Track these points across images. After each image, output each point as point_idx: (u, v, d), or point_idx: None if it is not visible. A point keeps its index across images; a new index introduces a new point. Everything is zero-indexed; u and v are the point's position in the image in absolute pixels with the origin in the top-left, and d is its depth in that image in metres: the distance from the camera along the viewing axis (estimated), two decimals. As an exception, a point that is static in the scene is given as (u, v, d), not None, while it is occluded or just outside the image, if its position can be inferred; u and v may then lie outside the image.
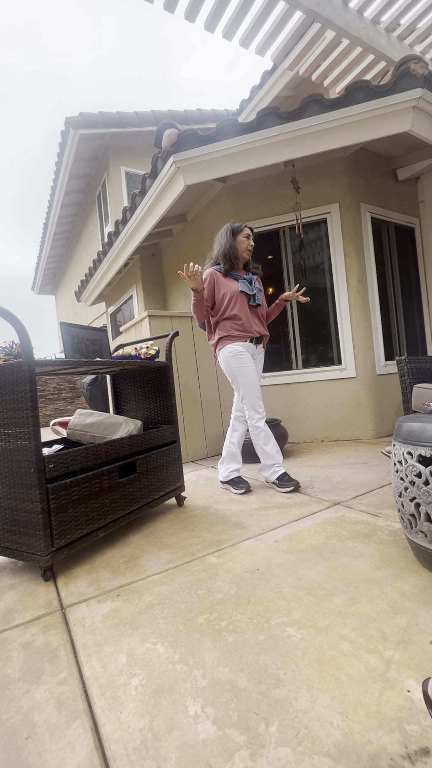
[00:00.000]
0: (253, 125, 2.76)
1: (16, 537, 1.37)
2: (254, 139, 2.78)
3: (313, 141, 2.74)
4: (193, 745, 0.66)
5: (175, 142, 2.87)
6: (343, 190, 3.40)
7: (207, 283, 2.18)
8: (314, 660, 0.83)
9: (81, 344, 1.83)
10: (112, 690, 0.81)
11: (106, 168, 6.47)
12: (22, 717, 0.76)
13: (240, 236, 2.22)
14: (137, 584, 1.25)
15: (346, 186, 3.40)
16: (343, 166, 3.39)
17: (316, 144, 2.75)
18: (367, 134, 2.67)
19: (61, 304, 12.11)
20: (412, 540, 1.17)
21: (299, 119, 2.69)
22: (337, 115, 2.62)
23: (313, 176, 3.44)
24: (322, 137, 2.72)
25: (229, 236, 2.23)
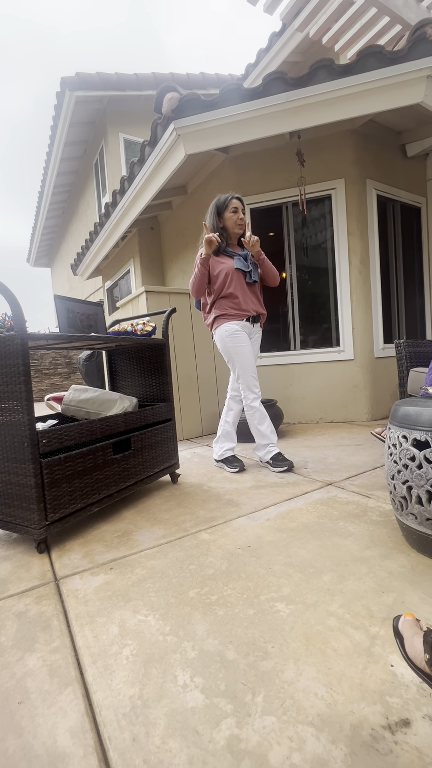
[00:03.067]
0: (258, 91, 2.62)
1: (10, 510, 1.38)
2: (259, 107, 2.65)
3: (321, 110, 2.62)
4: (181, 713, 0.68)
5: (176, 107, 2.74)
6: (349, 165, 3.28)
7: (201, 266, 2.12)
8: (302, 634, 0.85)
9: (76, 318, 1.79)
10: (104, 659, 0.83)
11: (104, 134, 6.20)
12: (15, 683, 0.78)
13: (226, 213, 2.13)
14: (130, 558, 1.27)
15: (353, 161, 3.28)
16: (350, 139, 3.26)
17: (324, 114, 2.63)
18: (378, 105, 2.55)
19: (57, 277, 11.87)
20: (402, 521, 1.19)
21: (307, 86, 2.55)
22: (348, 83, 2.49)
23: (319, 149, 3.31)
24: (330, 106, 2.60)
25: (214, 216, 2.14)
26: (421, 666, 0.50)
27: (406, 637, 0.54)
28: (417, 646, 0.51)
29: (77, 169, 7.66)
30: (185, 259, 4.44)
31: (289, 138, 3.29)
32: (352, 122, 3.18)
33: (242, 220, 2.15)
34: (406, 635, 0.55)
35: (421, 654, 0.50)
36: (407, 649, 0.53)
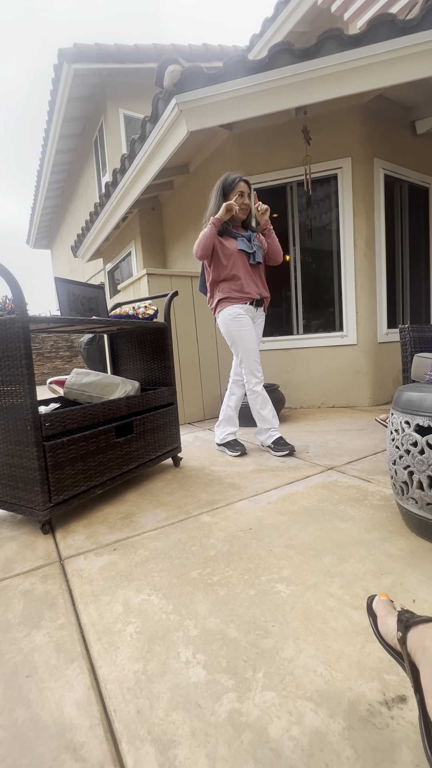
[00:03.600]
0: (263, 64, 2.52)
1: (14, 492, 1.39)
2: (265, 80, 2.55)
3: (329, 84, 2.52)
4: (184, 687, 0.70)
5: (178, 81, 2.64)
6: (356, 143, 3.18)
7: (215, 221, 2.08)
8: (301, 614, 0.87)
9: (77, 301, 1.77)
10: (108, 636, 0.85)
11: (104, 110, 6.01)
12: (23, 658, 0.81)
13: (232, 195, 2.08)
14: (133, 539, 1.29)
15: (361, 138, 3.18)
16: (358, 115, 3.15)
17: (332, 88, 2.53)
18: (390, 78, 2.44)
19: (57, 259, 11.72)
20: (402, 506, 1.20)
21: (315, 58, 2.45)
22: (358, 55, 2.39)
23: (326, 126, 3.20)
24: (339, 80, 2.50)
25: (219, 197, 2.09)
26: (392, 643, 0.52)
27: (380, 616, 0.56)
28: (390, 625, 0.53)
29: (76, 147, 7.45)
30: (187, 240, 4.36)
31: (294, 114, 3.18)
32: (361, 97, 3.06)
33: (246, 206, 2.10)
34: (380, 614, 0.57)
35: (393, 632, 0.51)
36: (380, 627, 0.55)
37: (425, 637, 0.46)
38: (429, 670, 0.42)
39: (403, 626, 0.50)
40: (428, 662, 0.43)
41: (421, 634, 0.47)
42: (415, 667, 0.46)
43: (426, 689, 0.42)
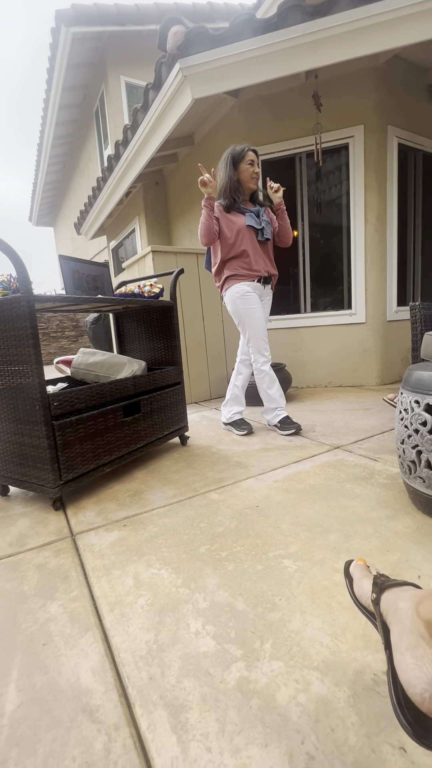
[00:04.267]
0: (273, 23, 2.37)
1: (25, 470, 1.42)
2: (274, 41, 2.41)
3: (342, 44, 2.38)
4: (194, 656, 0.73)
5: (182, 44, 2.51)
6: (369, 110, 3.03)
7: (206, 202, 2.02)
8: (308, 589, 0.89)
9: (82, 280, 1.75)
10: (120, 608, 0.88)
11: (104, 77, 5.76)
12: (39, 627, 0.84)
13: (243, 164, 2.01)
14: (142, 516, 1.31)
15: (374, 104, 3.02)
16: (372, 79, 2.98)
17: (346, 48, 2.38)
18: (409, 36, 2.29)
19: (60, 237, 11.54)
20: (409, 485, 1.20)
21: (328, 15, 2.30)
22: (373, 11, 2.24)
23: (337, 91, 3.05)
24: (353, 40, 2.35)
25: (229, 167, 2.01)
26: (366, 604, 0.54)
27: (356, 579, 0.58)
28: (365, 587, 0.55)
29: (77, 119, 7.20)
30: (192, 216, 4.26)
31: (305, 78, 3.02)
32: (376, 58, 2.89)
33: (257, 174, 2.03)
34: (356, 577, 0.59)
35: (367, 593, 0.54)
36: (355, 589, 0.57)
37: (398, 599, 0.48)
38: (399, 629, 0.44)
39: (378, 589, 0.52)
40: (399, 621, 0.45)
41: (394, 596, 0.49)
42: (386, 627, 0.48)
43: (394, 646, 0.44)
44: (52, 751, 0.58)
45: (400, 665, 0.42)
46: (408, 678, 0.40)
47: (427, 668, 0.39)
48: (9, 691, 0.69)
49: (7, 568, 1.07)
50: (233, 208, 2.04)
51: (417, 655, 0.40)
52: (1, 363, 1.38)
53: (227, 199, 2.03)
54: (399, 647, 0.43)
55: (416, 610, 0.44)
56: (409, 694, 0.40)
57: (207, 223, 1.99)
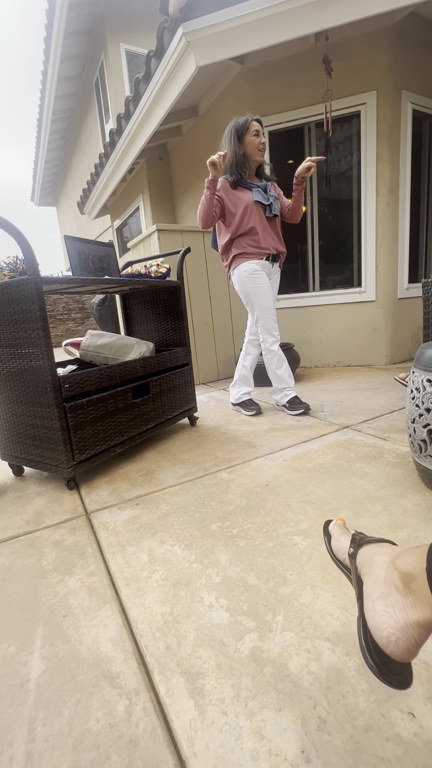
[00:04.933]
0: (281, -20, 2.23)
1: (39, 451, 1.45)
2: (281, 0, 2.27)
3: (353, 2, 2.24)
4: (208, 627, 0.76)
5: (185, 6, 2.38)
6: (383, 74, 2.87)
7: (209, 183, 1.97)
8: (318, 564, 0.91)
9: (88, 261, 1.73)
10: (136, 582, 0.91)
11: (103, 46, 5.52)
12: (59, 600, 0.88)
13: (248, 136, 1.92)
14: (154, 495, 1.34)
15: (388, 68, 2.86)
16: (386, 39, 2.82)
17: (358, 6, 2.24)
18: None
19: (63, 217, 11.37)
20: (419, 463, 1.20)
21: (339, -30, 2.16)
22: (388, -37, 2.09)
23: (349, 54, 2.89)
24: (366, -4, 2.21)
25: (234, 141, 1.93)
26: (342, 558, 0.57)
27: (334, 535, 0.61)
28: (342, 542, 0.58)
29: (77, 92, 6.96)
30: (197, 193, 4.15)
31: (314, 41, 2.87)
32: (390, 17, 2.72)
33: (263, 145, 1.95)
34: (334, 534, 0.61)
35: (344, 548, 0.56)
36: (333, 544, 0.60)
37: (374, 554, 0.50)
38: (373, 579, 0.47)
39: (356, 544, 0.54)
40: (374, 573, 0.47)
41: (371, 551, 0.51)
42: (360, 580, 0.50)
43: (367, 594, 0.46)
44: (76, 712, 0.62)
45: (370, 611, 0.44)
46: (376, 623, 0.43)
47: (396, 615, 0.41)
48: (33, 659, 0.73)
49: (26, 544, 1.11)
50: (240, 184, 1.98)
51: (388, 603, 0.43)
52: (12, 346, 1.39)
53: (234, 175, 1.97)
54: (371, 596, 0.45)
55: (392, 563, 0.45)
56: (376, 637, 0.43)
57: (207, 207, 1.91)
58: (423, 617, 0.39)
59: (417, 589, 0.41)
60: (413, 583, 0.41)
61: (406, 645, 0.41)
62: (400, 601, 0.42)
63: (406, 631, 0.40)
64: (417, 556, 0.43)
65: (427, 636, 0.41)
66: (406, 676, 0.44)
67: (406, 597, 0.41)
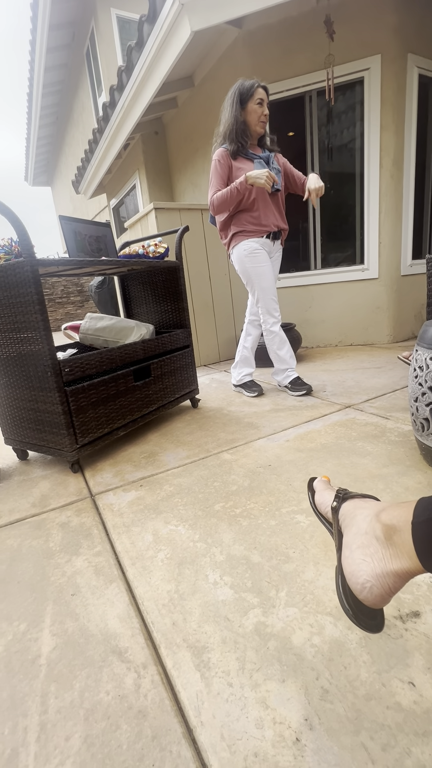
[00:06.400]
0: None
1: (42, 435, 1.46)
2: (281, -44, 2.14)
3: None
4: (213, 604, 0.78)
5: (179, -35, 2.24)
6: (388, 36, 2.73)
7: (221, 167, 1.90)
8: (321, 542, 0.92)
9: (84, 241, 1.69)
10: (142, 561, 0.93)
11: (93, 12, 5.25)
12: (67, 580, 0.90)
13: (251, 104, 1.83)
14: (158, 476, 1.35)
15: (393, 29, 2.72)
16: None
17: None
18: None
19: (58, 197, 11.10)
20: (422, 442, 1.20)
21: None
22: None
23: (352, 15, 2.73)
24: None
25: (236, 106, 1.83)
26: (325, 512, 0.59)
27: (318, 491, 0.63)
28: (326, 497, 0.60)
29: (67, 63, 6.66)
30: (195, 168, 4.02)
31: (316, 1, 2.71)
32: (396, -28, 2.56)
33: (266, 116, 1.87)
34: (318, 489, 0.64)
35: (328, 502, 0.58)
36: (316, 499, 0.62)
37: (357, 507, 0.51)
38: (354, 530, 0.48)
39: (340, 499, 0.55)
40: (355, 525, 0.48)
41: (354, 505, 0.52)
42: (341, 532, 0.51)
43: (346, 544, 0.48)
44: (87, 686, 0.64)
45: (348, 560, 0.46)
46: (353, 570, 0.44)
47: (374, 563, 0.43)
48: (44, 636, 0.75)
49: (33, 527, 1.13)
50: (240, 153, 1.91)
51: (367, 553, 0.44)
52: (10, 330, 1.37)
53: (234, 144, 1.89)
54: (351, 545, 0.47)
55: (376, 516, 0.46)
56: (351, 584, 0.45)
57: (230, 199, 1.87)
58: (401, 567, 0.41)
59: (399, 540, 0.42)
60: (395, 535, 0.42)
61: (379, 592, 0.42)
62: (380, 551, 0.43)
63: (381, 579, 0.42)
64: (402, 510, 0.44)
65: (401, 585, 0.42)
66: (379, 621, 0.46)
67: (386, 548, 0.43)
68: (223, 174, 1.91)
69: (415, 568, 0.40)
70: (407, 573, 0.41)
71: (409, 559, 0.40)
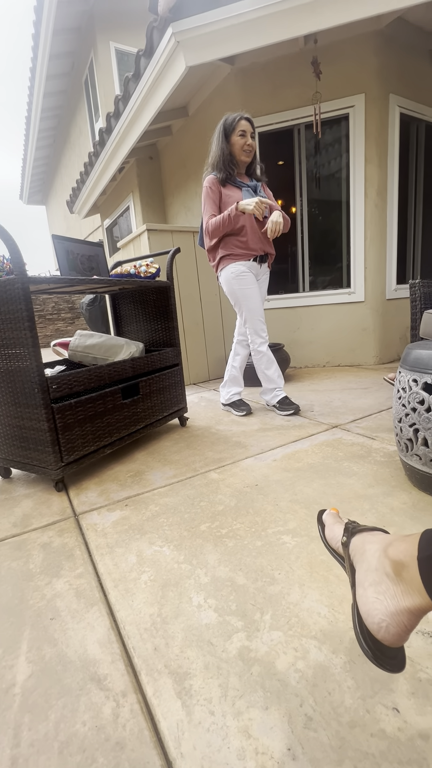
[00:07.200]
0: (270, -18, 2.25)
1: (27, 453, 1.43)
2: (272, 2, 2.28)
3: (344, 5, 2.26)
4: (197, 628, 0.76)
5: (174, 5, 2.38)
6: (371, 77, 2.91)
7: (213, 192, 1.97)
8: (306, 563, 0.91)
9: (76, 260, 1.72)
10: (125, 583, 0.90)
11: (93, 44, 5.48)
12: (46, 603, 0.87)
13: (234, 136, 1.93)
14: (144, 496, 1.34)
15: (376, 71, 2.90)
16: (374, 43, 2.85)
17: (348, 9, 2.26)
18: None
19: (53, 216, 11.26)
20: (406, 462, 1.22)
21: (328, -27, 2.18)
22: (375, -32, 2.12)
23: (338, 57, 2.91)
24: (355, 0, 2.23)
25: (221, 138, 1.94)
26: (336, 547, 0.59)
27: (328, 524, 0.62)
28: (336, 531, 0.60)
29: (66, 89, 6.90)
30: (188, 192, 4.14)
31: (304, 43, 2.89)
32: (378, 21, 2.76)
33: (250, 146, 1.95)
34: (328, 523, 0.63)
35: (338, 537, 0.58)
36: (326, 533, 0.62)
37: (366, 542, 0.51)
38: (365, 567, 0.48)
39: (349, 533, 0.56)
40: (366, 561, 0.48)
41: (363, 539, 0.52)
42: (353, 568, 0.51)
43: (359, 582, 0.48)
44: (63, 716, 0.61)
45: (362, 599, 0.46)
46: (368, 609, 0.44)
47: (387, 602, 0.42)
48: (20, 663, 0.72)
49: (13, 547, 1.10)
50: (229, 181, 1.99)
51: (379, 590, 0.44)
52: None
53: (222, 173, 1.97)
54: (363, 583, 0.46)
55: (384, 552, 0.46)
56: (367, 623, 0.44)
57: (222, 227, 1.95)
58: (413, 604, 0.40)
59: (408, 576, 0.42)
60: (404, 571, 0.42)
61: (396, 630, 0.42)
62: (391, 589, 0.43)
63: (396, 618, 0.41)
64: (408, 544, 0.44)
65: (416, 622, 0.42)
66: (400, 660, 0.45)
67: (397, 584, 0.42)
68: (215, 198, 1.98)
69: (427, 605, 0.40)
70: (420, 609, 0.40)
71: (420, 595, 0.40)
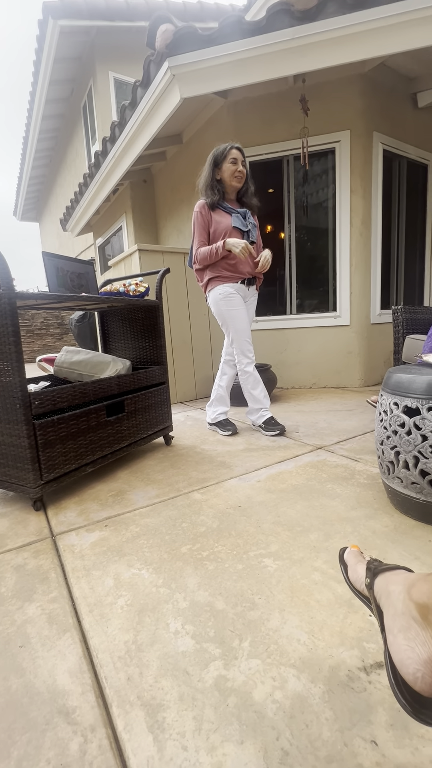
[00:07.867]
0: (261, 26, 2.39)
1: (5, 470, 1.40)
2: (263, 44, 2.42)
3: (330, 50, 2.41)
4: (173, 656, 0.73)
5: (171, 42, 2.50)
6: (356, 115, 3.08)
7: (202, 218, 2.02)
8: (287, 587, 0.90)
9: (66, 277, 1.73)
10: (100, 608, 0.87)
11: (92, 73, 5.69)
12: (16, 629, 0.83)
13: (225, 163, 2.01)
14: (125, 516, 1.31)
15: (360, 110, 3.07)
16: (358, 85, 3.03)
17: (333, 54, 2.42)
18: (395, 44, 2.33)
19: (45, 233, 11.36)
20: (388, 485, 1.23)
21: (316, 21, 2.33)
22: (361, 18, 2.27)
23: (324, 96, 3.08)
24: (341, 45, 2.38)
25: (212, 167, 2.03)
26: (360, 589, 0.56)
27: (350, 564, 0.61)
28: (359, 572, 0.58)
29: (64, 113, 7.10)
30: (180, 216, 4.25)
31: (293, 82, 3.05)
32: (362, 65, 2.94)
33: (240, 173, 2.03)
34: (350, 563, 0.61)
35: (362, 578, 0.56)
36: (350, 574, 0.60)
37: (389, 583, 0.50)
38: (392, 612, 0.46)
39: (372, 573, 0.54)
40: (392, 605, 0.47)
41: (386, 580, 0.51)
42: (380, 610, 0.49)
43: (388, 628, 0.46)
44: (26, 753, 0.58)
45: (393, 646, 0.44)
46: (401, 659, 0.42)
47: (418, 649, 0.40)
48: (-17, 695, 0.68)
49: (-15, 569, 1.05)
50: (218, 206, 2.05)
51: (409, 637, 0.42)
52: (-19, 360, 1.35)
53: (208, 197, 2.04)
54: (392, 629, 0.45)
55: (408, 594, 0.45)
56: (403, 674, 0.42)
57: (210, 258, 2.04)
58: None
59: None
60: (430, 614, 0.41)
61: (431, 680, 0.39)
62: (421, 635, 0.41)
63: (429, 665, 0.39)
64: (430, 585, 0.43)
65: None
66: None
67: (425, 629, 0.41)
68: (204, 225, 2.03)
69: None
70: None
71: None
